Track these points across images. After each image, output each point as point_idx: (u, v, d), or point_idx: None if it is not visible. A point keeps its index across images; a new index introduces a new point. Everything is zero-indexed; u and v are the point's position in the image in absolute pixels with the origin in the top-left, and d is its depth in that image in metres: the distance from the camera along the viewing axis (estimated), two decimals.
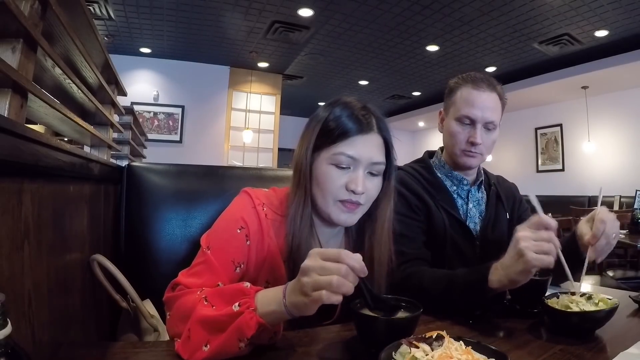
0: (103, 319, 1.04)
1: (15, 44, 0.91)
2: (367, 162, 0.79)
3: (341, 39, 5.16)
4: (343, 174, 0.78)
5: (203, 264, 0.74)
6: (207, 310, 0.62)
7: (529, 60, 5.53)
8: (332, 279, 0.54)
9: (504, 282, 0.75)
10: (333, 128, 0.79)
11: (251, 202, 0.81)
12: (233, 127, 6.48)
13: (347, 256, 0.56)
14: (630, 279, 2.81)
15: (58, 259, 0.76)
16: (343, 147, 0.78)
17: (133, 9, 4.52)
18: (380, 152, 0.81)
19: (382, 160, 0.81)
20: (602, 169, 5.83)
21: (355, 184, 0.77)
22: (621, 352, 0.63)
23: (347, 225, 0.84)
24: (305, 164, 0.81)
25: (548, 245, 0.70)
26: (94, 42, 1.65)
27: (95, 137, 1.74)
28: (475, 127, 1.05)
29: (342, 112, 0.80)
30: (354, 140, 0.78)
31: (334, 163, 0.78)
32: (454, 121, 1.08)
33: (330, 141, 0.79)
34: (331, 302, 0.55)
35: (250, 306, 0.59)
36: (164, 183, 1.04)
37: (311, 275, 0.55)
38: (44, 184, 0.69)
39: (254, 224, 0.79)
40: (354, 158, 0.78)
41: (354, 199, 0.78)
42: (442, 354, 0.51)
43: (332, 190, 0.78)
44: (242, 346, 0.59)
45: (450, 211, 1.09)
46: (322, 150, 0.80)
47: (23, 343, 0.39)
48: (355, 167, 0.78)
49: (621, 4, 3.88)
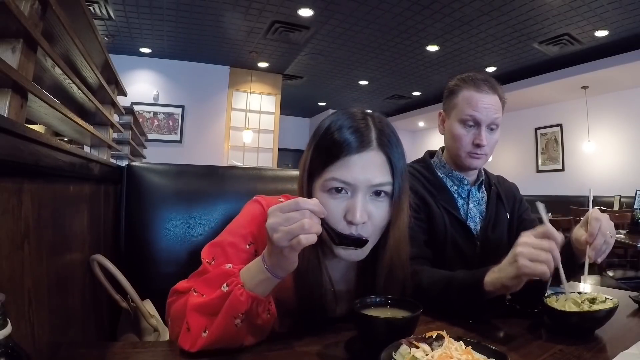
0: (103, 319, 1.04)
1: (15, 44, 0.91)
2: (366, 185, 0.67)
3: (341, 39, 5.16)
4: (340, 202, 0.67)
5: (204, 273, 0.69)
6: (199, 299, 0.63)
7: (529, 60, 5.53)
8: (304, 221, 0.55)
9: (496, 286, 0.74)
10: (323, 149, 0.69)
11: (263, 213, 0.74)
12: (233, 127, 6.48)
13: (304, 202, 0.57)
14: (630, 279, 2.81)
15: (58, 259, 0.76)
16: (335, 172, 0.67)
17: (133, 9, 4.52)
18: (382, 171, 0.69)
19: (384, 181, 0.69)
20: (602, 169, 5.83)
21: (353, 213, 0.66)
22: (621, 352, 0.63)
23: (353, 260, 0.74)
24: (303, 194, 0.72)
25: (545, 255, 0.68)
26: (94, 42, 1.65)
27: (95, 137, 1.74)
28: (480, 129, 1.05)
29: (335, 128, 0.69)
30: (347, 161, 0.67)
31: (328, 190, 0.68)
32: (457, 123, 1.08)
33: (321, 165, 0.69)
34: (309, 242, 0.56)
35: (237, 283, 0.61)
36: (164, 183, 1.04)
37: (280, 230, 0.56)
38: (44, 184, 0.69)
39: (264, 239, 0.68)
40: (348, 183, 0.66)
41: (354, 231, 0.67)
42: (442, 354, 0.51)
43: (330, 223, 0.66)
44: (238, 323, 0.60)
45: (451, 211, 1.09)
46: (318, 178, 0.70)
47: (23, 343, 0.40)
48: (353, 193, 0.67)
49: (621, 4, 3.88)
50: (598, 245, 0.79)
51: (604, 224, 0.79)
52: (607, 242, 0.80)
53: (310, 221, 0.56)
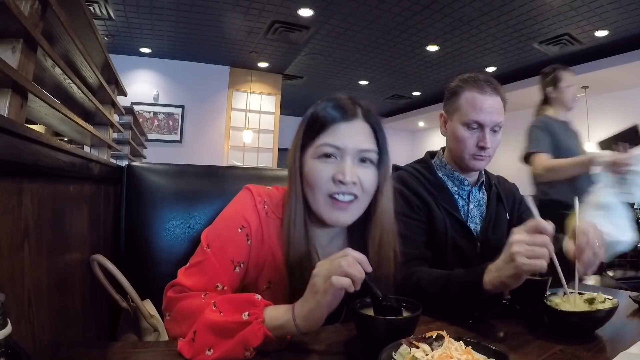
0: (103, 319, 1.05)
1: (15, 44, 0.90)
2: (354, 149, 0.75)
3: (341, 39, 5.16)
4: (330, 166, 0.74)
5: (202, 263, 0.74)
6: (215, 316, 0.62)
7: (529, 60, 5.53)
8: (341, 261, 0.58)
9: (496, 285, 0.74)
10: (316, 120, 0.77)
11: (252, 199, 0.80)
12: (233, 127, 6.47)
13: (351, 250, 0.60)
14: (630, 279, 2.82)
15: (58, 259, 0.76)
16: (325, 137, 0.75)
17: (133, 9, 4.52)
18: (368, 139, 0.77)
19: (371, 148, 0.77)
20: None
21: (343, 173, 0.73)
22: (621, 352, 0.63)
23: (342, 224, 0.80)
24: (295, 165, 0.78)
25: (541, 250, 0.69)
26: (94, 42, 1.65)
27: (95, 137, 1.74)
28: (484, 131, 1.05)
29: (326, 105, 0.78)
30: (336, 128, 0.75)
31: (319, 156, 0.75)
32: (460, 126, 1.07)
33: (314, 134, 0.76)
34: (341, 285, 0.56)
35: (258, 317, 0.60)
36: (164, 183, 1.04)
37: (321, 273, 0.59)
38: (44, 184, 0.69)
39: (255, 223, 0.77)
40: (337, 147, 0.74)
41: (345, 190, 0.73)
42: (442, 354, 0.51)
43: (320, 184, 0.74)
44: (247, 355, 0.59)
45: (452, 211, 1.09)
46: (309, 147, 0.77)
47: (23, 343, 0.39)
48: (342, 156, 0.75)
49: (621, 4, 3.88)
50: (586, 259, 0.78)
51: (591, 237, 0.79)
52: (596, 254, 0.79)
53: (348, 261, 0.59)
